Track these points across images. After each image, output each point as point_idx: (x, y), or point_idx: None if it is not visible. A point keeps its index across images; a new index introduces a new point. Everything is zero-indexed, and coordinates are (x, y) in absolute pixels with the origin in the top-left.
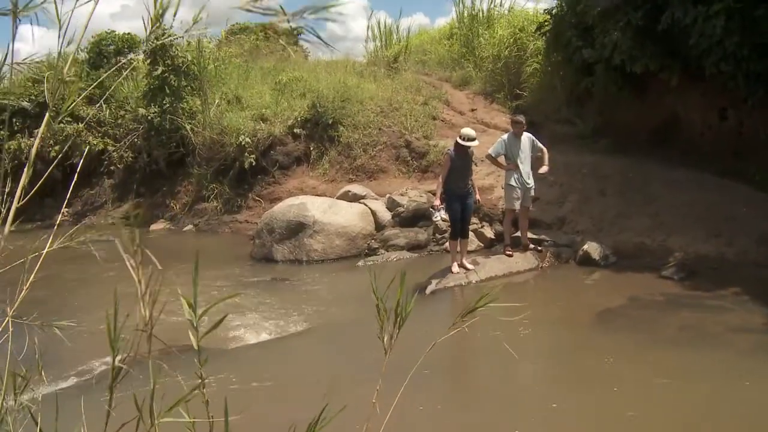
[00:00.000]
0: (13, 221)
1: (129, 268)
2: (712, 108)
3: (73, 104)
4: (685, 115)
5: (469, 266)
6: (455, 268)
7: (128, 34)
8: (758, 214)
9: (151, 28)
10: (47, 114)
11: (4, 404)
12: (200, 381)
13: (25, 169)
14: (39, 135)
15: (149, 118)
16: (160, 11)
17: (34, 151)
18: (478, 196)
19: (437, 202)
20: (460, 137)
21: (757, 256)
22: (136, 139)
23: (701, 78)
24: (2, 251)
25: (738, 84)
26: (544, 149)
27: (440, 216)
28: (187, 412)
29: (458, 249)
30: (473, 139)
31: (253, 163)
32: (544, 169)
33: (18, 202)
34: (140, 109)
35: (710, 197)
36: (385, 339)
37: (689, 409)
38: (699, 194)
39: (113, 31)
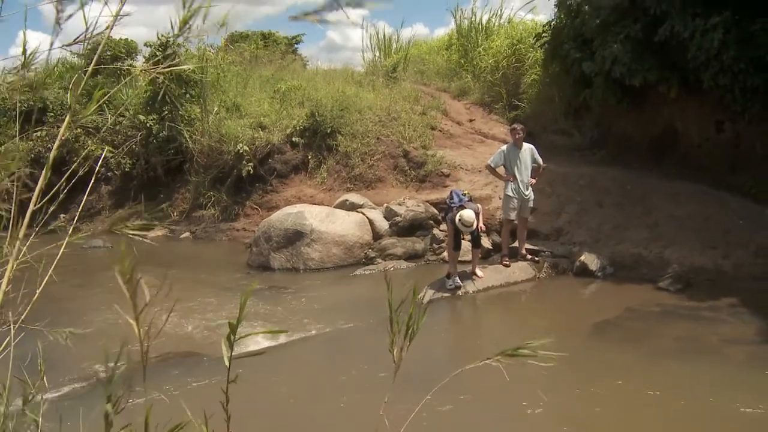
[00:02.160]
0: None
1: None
2: (710, 121)
3: (93, 109)
4: (682, 127)
5: (480, 274)
6: (453, 278)
7: (125, 39)
8: (754, 226)
9: (179, 29)
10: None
11: (6, 410)
12: (225, 398)
13: (43, 173)
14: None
15: (148, 125)
16: (189, 15)
17: (53, 154)
18: (482, 224)
19: (451, 270)
20: (460, 220)
21: (753, 269)
22: (134, 146)
23: (699, 91)
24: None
25: (735, 97)
26: (541, 163)
27: (454, 283)
28: (206, 422)
29: (457, 259)
30: (470, 226)
31: (251, 171)
32: (531, 180)
33: (34, 205)
34: (139, 115)
35: (707, 209)
36: (395, 352)
37: (683, 421)
38: (696, 206)
39: (110, 37)
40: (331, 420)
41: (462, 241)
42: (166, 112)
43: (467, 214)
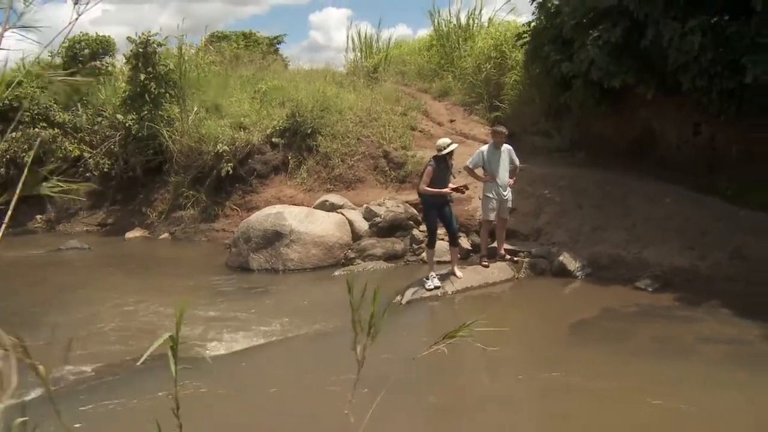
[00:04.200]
0: None
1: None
2: (687, 123)
3: None
4: (660, 129)
5: (459, 274)
6: (432, 279)
7: (103, 36)
8: (731, 228)
9: None
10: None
11: None
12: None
13: None
14: None
15: (127, 125)
16: None
17: None
18: (451, 184)
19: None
20: (437, 149)
21: (729, 270)
22: (112, 146)
23: (677, 93)
24: None
25: (712, 100)
26: (518, 164)
27: (433, 284)
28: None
29: (434, 259)
30: (449, 145)
31: (231, 172)
32: (509, 181)
33: None
34: (118, 115)
35: (685, 211)
36: (358, 350)
37: (659, 420)
38: (674, 208)
39: (86, 34)
40: (299, 419)
41: (438, 240)
42: (146, 111)
43: (442, 139)
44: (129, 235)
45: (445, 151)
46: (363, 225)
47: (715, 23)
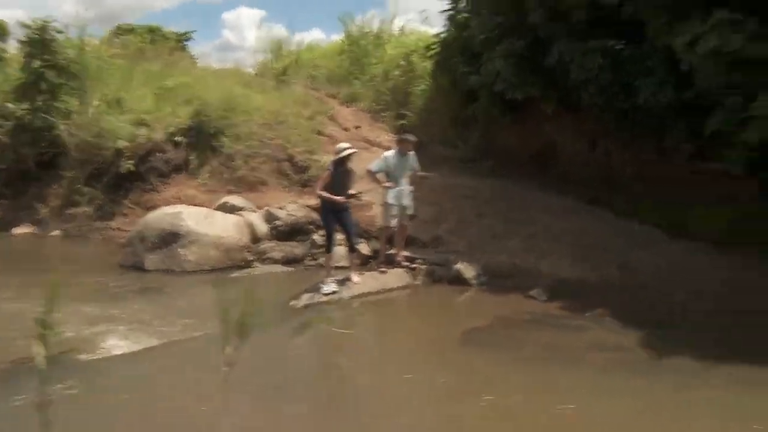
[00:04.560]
0: None
1: None
2: (587, 138)
3: None
4: (562, 143)
5: (356, 279)
6: (329, 283)
7: None
8: (622, 241)
9: None
10: None
11: None
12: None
13: None
14: None
15: (18, 114)
16: None
17: None
18: (352, 191)
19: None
20: (335, 152)
21: (618, 281)
22: (1, 136)
23: (579, 109)
24: None
25: (609, 118)
26: (418, 170)
27: (330, 289)
28: None
29: (332, 264)
30: (346, 149)
31: (131, 169)
32: (410, 188)
33: None
34: (8, 104)
35: (581, 224)
36: (228, 350)
37: (554, 427)
38: (571, 220)
39: None
40: (174, 423)
41: (336, 246)
42: (40, 102)
43: (340, 143)
44: (16, 230)
45: (341, 155)
46: (263, 228)
47: (611, 46)
